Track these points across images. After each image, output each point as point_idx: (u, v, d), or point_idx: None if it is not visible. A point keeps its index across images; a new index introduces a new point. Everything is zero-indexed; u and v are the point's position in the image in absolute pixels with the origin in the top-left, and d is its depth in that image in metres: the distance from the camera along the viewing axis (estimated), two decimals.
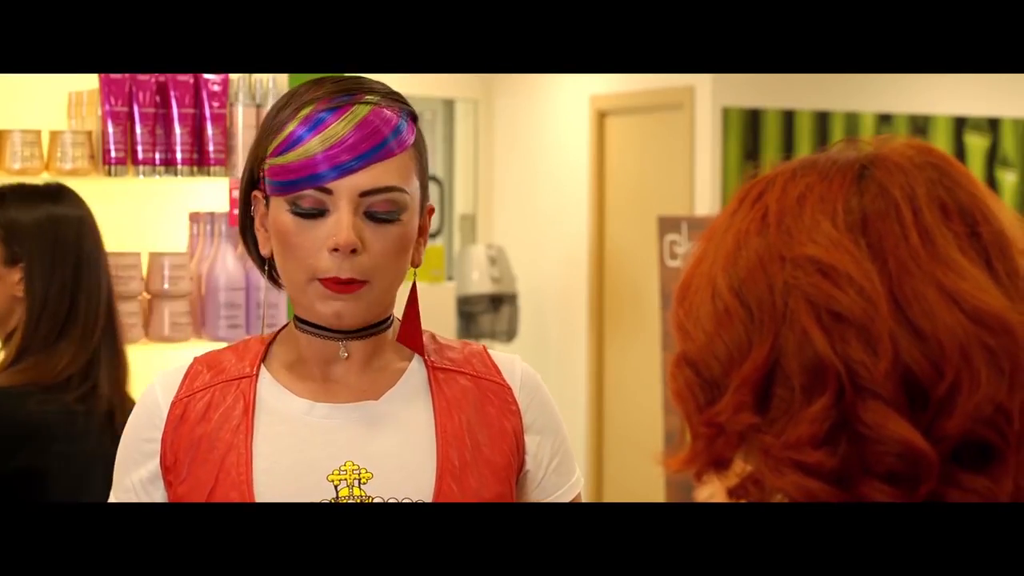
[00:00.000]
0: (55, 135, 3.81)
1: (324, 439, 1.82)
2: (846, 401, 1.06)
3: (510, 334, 8.14)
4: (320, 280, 1.78)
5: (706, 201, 7.23)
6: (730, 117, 7.29)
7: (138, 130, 3.82)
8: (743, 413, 1.09)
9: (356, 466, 1.80)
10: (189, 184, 3.97)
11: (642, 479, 7.33)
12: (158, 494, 1.84)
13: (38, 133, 3.81)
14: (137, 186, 3.99)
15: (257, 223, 1.86)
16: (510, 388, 1.90)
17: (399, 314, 1.89)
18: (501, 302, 8.09)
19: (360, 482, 1.80)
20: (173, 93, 3.85)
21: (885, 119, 7.62)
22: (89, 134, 3.83)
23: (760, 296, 1.10)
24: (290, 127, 1.79)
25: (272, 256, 1.85)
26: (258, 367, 1.86)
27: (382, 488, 1.80)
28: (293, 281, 1.81)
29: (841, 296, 1.07)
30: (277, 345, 1.89)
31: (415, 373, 1.88)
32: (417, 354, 1.89)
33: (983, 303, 1.07)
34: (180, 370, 1.88)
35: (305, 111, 1.79)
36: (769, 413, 1.09)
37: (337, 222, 1.76)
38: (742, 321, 1.10)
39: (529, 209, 8.51)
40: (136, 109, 3.82)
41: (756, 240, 1.12)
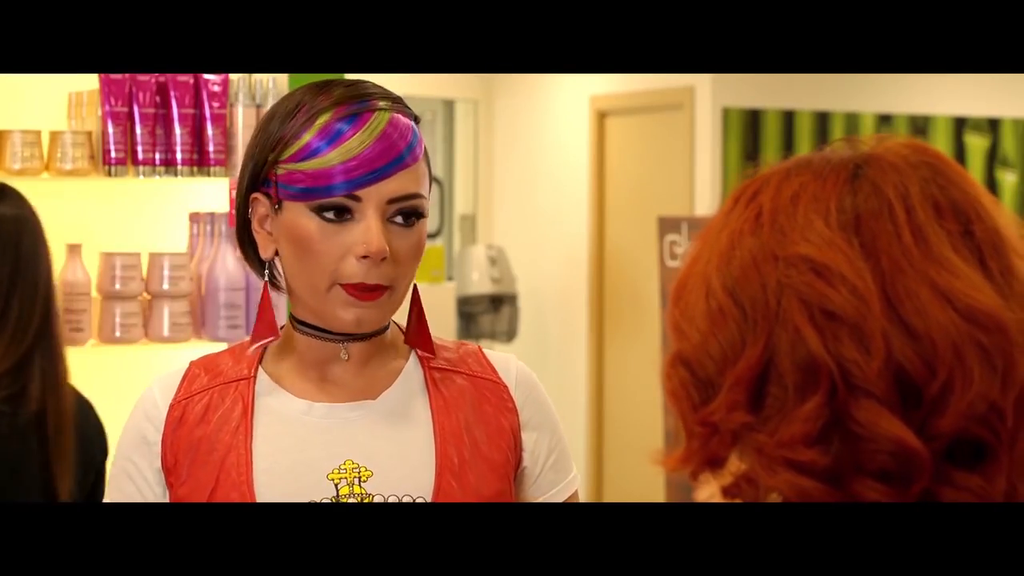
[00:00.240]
0: (55, 135, 3.82)
1: (323, 439, 1.83)
2: (839, 400, 1.06)
3: (510, 334, 8.14)
4: (343, 286, 1.79)
5: (706, 201, 7.23)
6: (730, 117, 7.29)
7: (138, 130, 3.82)
8: (737, 412, 1.09)
9: (356, 464, 1.81)
10: (189, 184, 3.97)
11: (642, 479, 7.33)
12: (164, 493, 1.85)
13: (38, 133, 3.81)
14: (137, 186, 3.99)
15: (255, 225, 1.86)
16: (506, 386, 1.91)
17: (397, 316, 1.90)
18: (501, 302, 8.09)
19: (360, 480, 1.80)
20: (173, 93, 3.85)
21: (885, 119, 7.62)
22: (89, 134, 3.83)
23: (754, 295, 1.10)
24: (307, 136, 1.80)
25: (273, 259, 1.85)
26: (256, 369, 1.87)
27: (382, 486, 1.80)
28: (312, 286, 1.81)
29: (834, 295, 1.07)
30: (274, 347, 1.89)
31: (412, 373, 1.89)
32: (414, 354, 1.90)
33: (976, 301, 1.07)
34: (177, 373, 1.89)
35: (322, 120, 1.80)
36: (763, 412, 1.09)
37: (366, 229, 1.77)
38: (736, 320, 1.10)
39: (529, 209, 8.51)
40: (136, 109, 3.82)
41: (750, 239, 1.12)
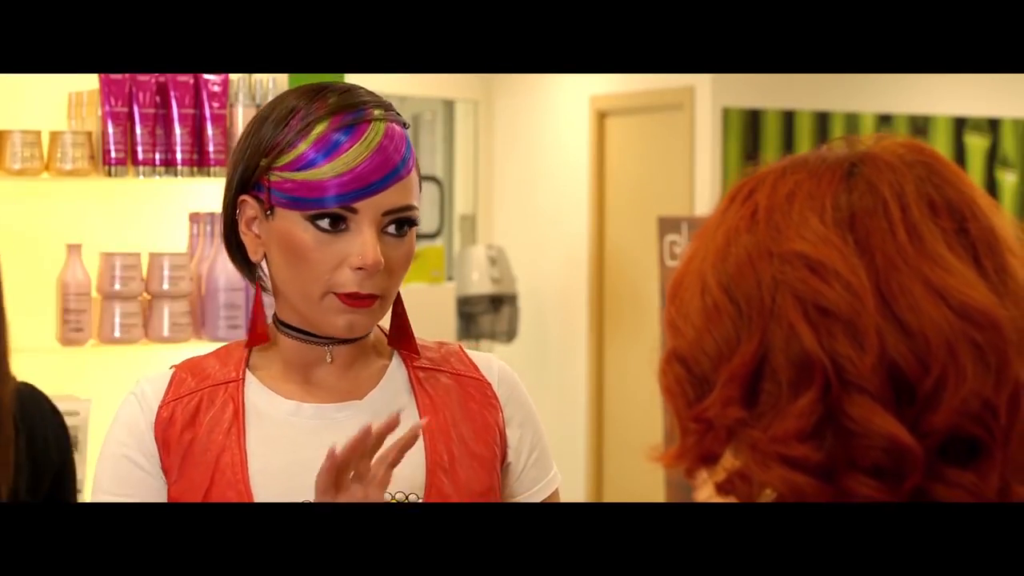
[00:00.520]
0: (55, 135, 3.82)
1: (313, 439, 1.84)
2: (832, 395, 1.07)
3: (510, 335, 8.14)
4: (336, 294, 1.80)
5: (706, 201, 7.23)
6: (730, 117, 7.29)
7: (138, 130, 3.82)
8: (731, 408, 1.09)
9: None
10: (189, 184, 3.97)
11: (642, 479, 7.33)
12: (162, 477, 1.85)
13: (38, 133, 3.81)
14: (137, 186, 3.99)
15: (242, 227, 1.87)
16: (489, 383, 1.94)
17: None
18: (501, 303, 8.10)
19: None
20: (173, 93, 3.85)
21: (885, 119, 7.63)
22: (89, 134, 3.83)
23: (749, 292, 1.10)
24: (302, 147, 1.80)
25: (261, 261, 1.87)
26: (243, 371, 1.89)
27: None
28: (305, 293, 1.82)
29: (828, 291, 1.08)
30: (258, 349, 1.91)
31: (396, 373, 1.91)
32: (396, 354, 1.92)
33: (970, 298, 1.08)
34: (163, 376, 1.90)
35: (318, 130, 1.80)
36: (757, 408, 1.09)
37: (363, 242, 1.79)
38: (731, 317, 1.11)
39: (529, 209, 8.51)
40: (136, 109, 3.82)
41: (746, 237, 1.12)
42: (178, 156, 3.86)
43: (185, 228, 3.98)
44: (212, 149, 3.87)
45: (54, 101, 3.99)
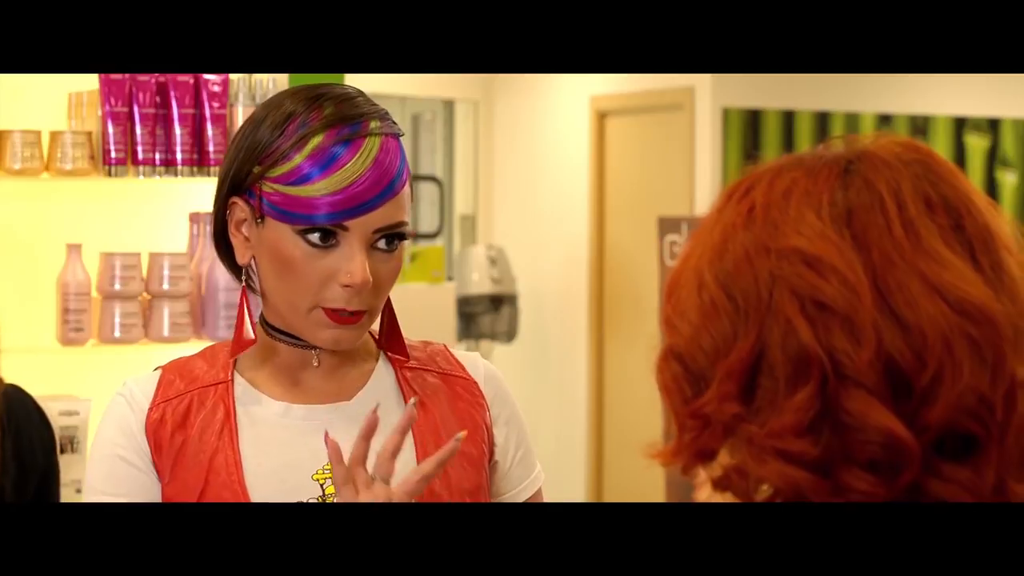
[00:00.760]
0: (55, 135, 3.82)
1: (304, 440, 1.85)
2: (829, 390, 1.07)
3: (510, 335, 8.14)
4: (324, 309, 1.80)
5: (706, 201, 7.21)
6: (730, 117, 7.29)
7: (138, 130, 3.82)
8: (728, 403, 1.10)
9: None
10: (189, 184, 3.98)
11: (642, 479, 7.33)
12: (154, 473, 1.85)
13: (38, 133, 3.81)
14: (137, 186, 3.99)
15: (232, 228, 1.86)
16: (475, 382, 1.94)
17: None
18: (501, 303, 8.09)
19: None
20: (173, 93, 3.86)
21: (885, 119, 7.63)
22: (89, 134, 3.83)
23: (746, 288, 1.11)
24: (298, 159, 1.79)
25: (249, 264, 1.86)
26: (232, 373, 1.89)
27: None
28: (292, 305, 1.82)
29: (825, 286, 1.08)
30: (245, 351, 1.90)
31: (383, 373, 1.92)
32: (383, 355, 1.93)
33: (966, 294, 1.08)
34: (151, 377, 1.90)
35: (314, 142, 1.79)
36: (754, 403, 1.09)
37: (351, 259, 1.78)
38: (728, 313, 1.11)
39: (529, 209, 8.51)
40: (136, 109, 3.83)
41: (743, 234, 1.13)
42: (178, 156, 3.87)
43: (185, 228, 3.99)
44: (212, 149, 3.87)
45: (54, 101, 3.99)
